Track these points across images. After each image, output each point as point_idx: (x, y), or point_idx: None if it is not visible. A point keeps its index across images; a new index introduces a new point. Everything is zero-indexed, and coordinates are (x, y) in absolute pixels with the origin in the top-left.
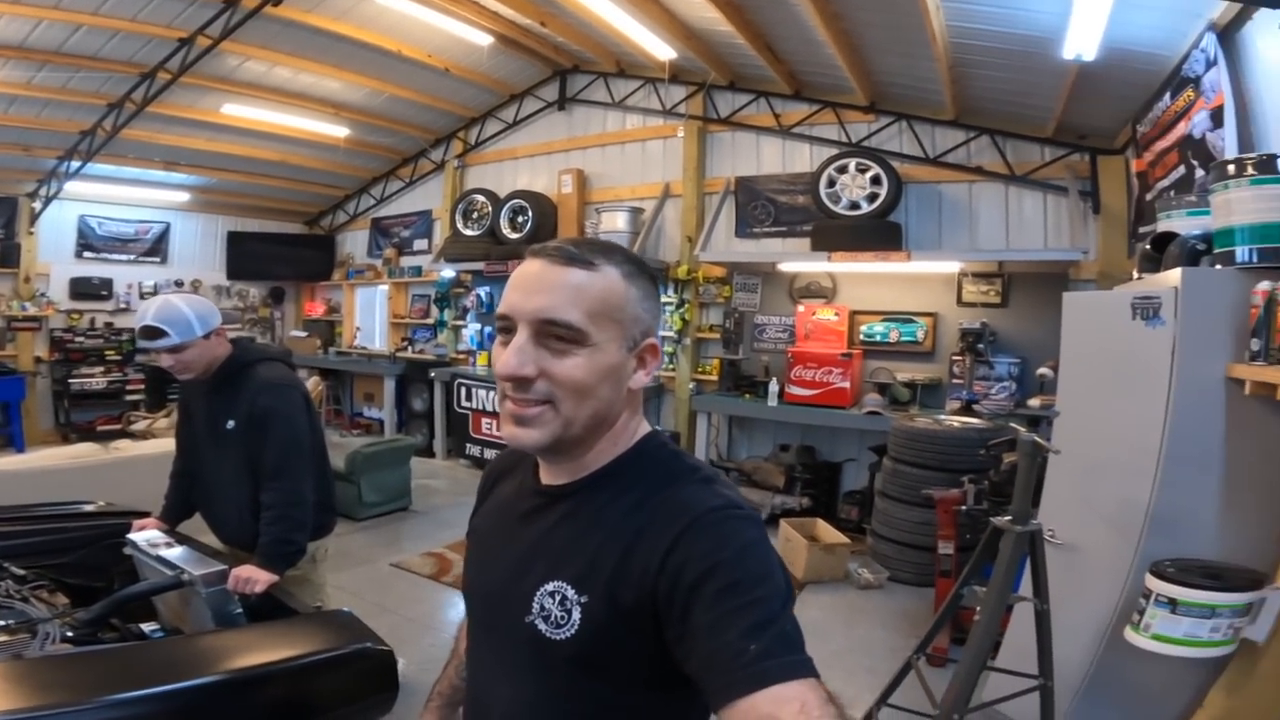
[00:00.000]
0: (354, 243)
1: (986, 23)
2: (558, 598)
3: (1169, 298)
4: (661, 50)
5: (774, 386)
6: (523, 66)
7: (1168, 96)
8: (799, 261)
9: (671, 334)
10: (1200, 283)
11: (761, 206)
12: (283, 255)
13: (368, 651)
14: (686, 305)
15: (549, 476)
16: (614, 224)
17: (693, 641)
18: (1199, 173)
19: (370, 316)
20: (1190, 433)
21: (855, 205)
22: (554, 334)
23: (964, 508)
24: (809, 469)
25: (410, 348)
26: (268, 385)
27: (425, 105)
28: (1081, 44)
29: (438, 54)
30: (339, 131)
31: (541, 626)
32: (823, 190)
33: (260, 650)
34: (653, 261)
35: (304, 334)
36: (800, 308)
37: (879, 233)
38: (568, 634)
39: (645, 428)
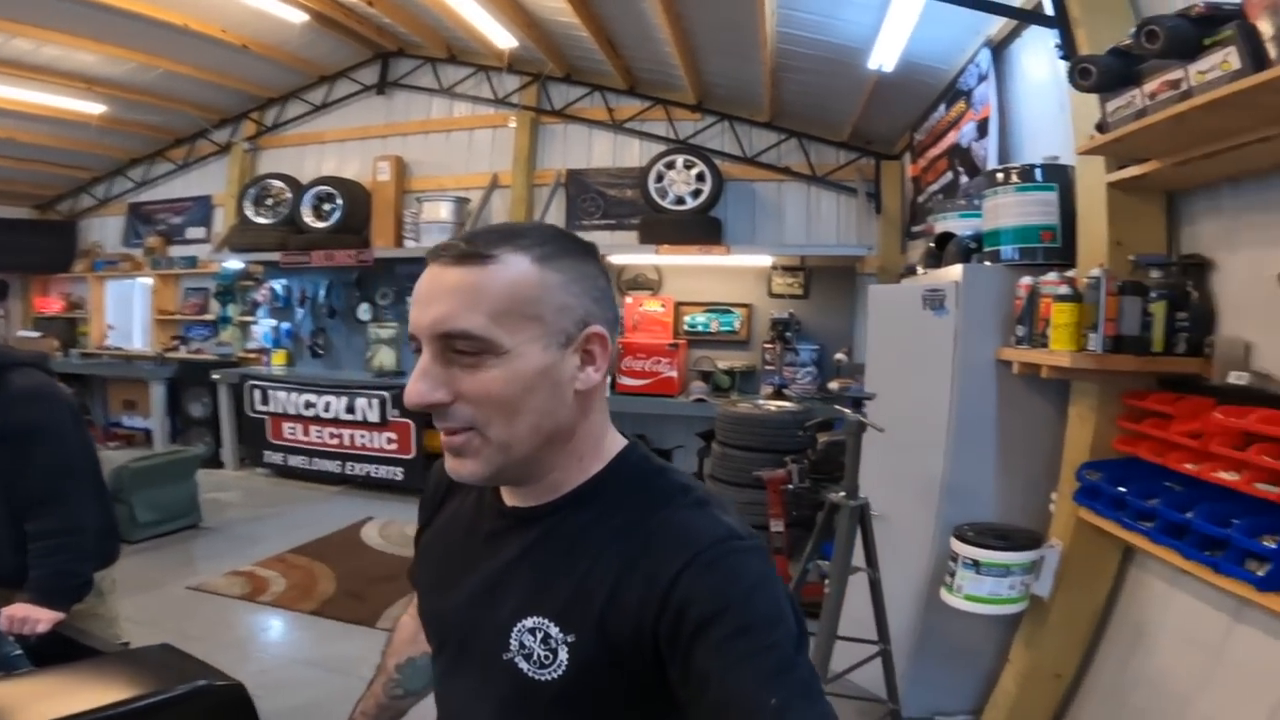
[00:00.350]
0: (104, 230)
1: (810, 30)
2: (539, 635)
3: (951, 290)
4: (502, 38)
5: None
6: (338, 47)
7: (943, 108)
8: (628, 254)
9: None
10: (976, 277)
11: (591, 199)
12: (3, 244)
13: (210, 689)
14: None
15: (514, 497)
16: (436, 214)
17: (701, 688)
18: (964, 178)
19: (126, 313)
20: (971, 409)
21: (681, 200)
22: (457, 347)
23: (790, 486)
24: None
25: (184, 347)
26: (26, 396)
27: (211, 83)
28: (885, 56)
29: (237, 30)
30: (92, 108)
31: (523, 665)
32: (651, 185)
33: (72, 697)
34: None
35: (36, 334)
36: (628, 299)
37: (702, 227)
38: (554, 675)
39: (619, 440)
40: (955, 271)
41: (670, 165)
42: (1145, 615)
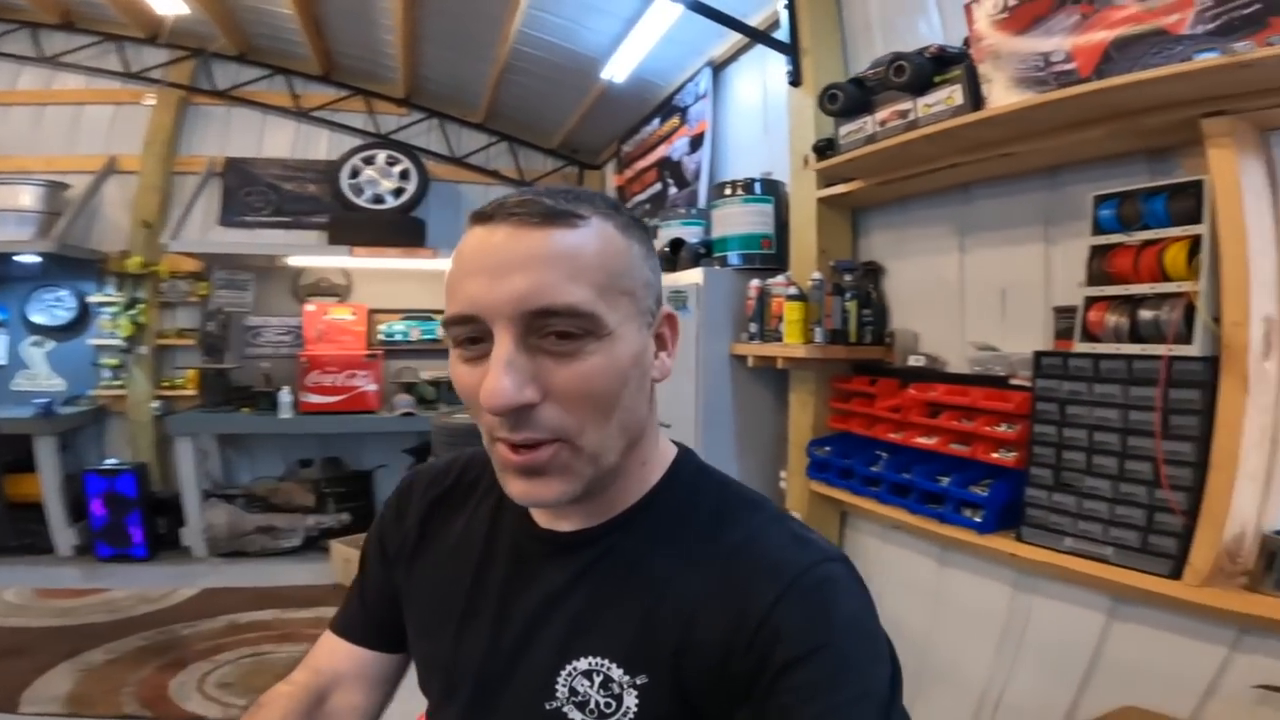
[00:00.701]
0: None
1: (553, 34)
2: (598, 679)
3: (693, 291)
4: (168, 4)
5: (285, 397)
6: None
7: (656, 121)
8: (314, 255)
9: (119, 342)
10: (714, 279)
11: (260, 193)
12: None
13: None
14: (140, 306)
15: (553, 519)
16: (15, 200)
17: None
18: (673, 189)
19: None
20: (714, 402)
21: (379, 199)
22: (553, 329)
23: None
24: (339, 482)
25: None
26: None
27: None
28: (620, 68)
29: None
30: None
31: (576, 715)
32: (345, 181)
33: None
34: (85, 252)
35: None
36: (310, 307)
37: (403, 228)
38: None
39: (669, 445)
40: (696, 274)
41: (369, 160)
42: (868, 570)
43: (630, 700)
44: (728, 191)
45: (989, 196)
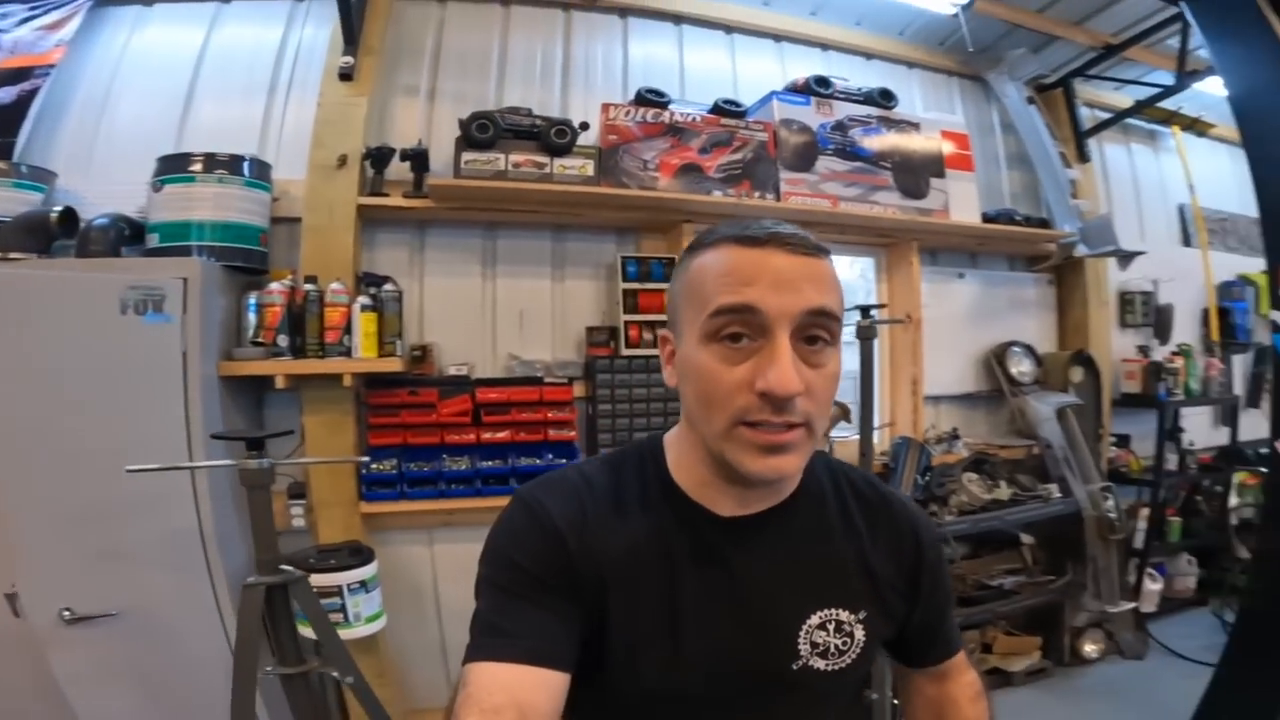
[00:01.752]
0: None
1: None
2: (831, 626)
3: (175, 291)
4: None
5: None
6: None
7: None
8: None
9: None
10: (211, 276)
11: None
12: None
13: None
14: None
15: (739, 506)
16: None
17: (921, 615)
18: None
19: None
20: (209, 435)
21: None
22: (816, 330)
23: None
24: None
25: None
26: None
27: None
28: None
29: None
30: None
31: (819, 664)
32: None
33: None
34: None
35: None
36: None
37: None
38: (851, 658)
39: None
40: (184, 266)
41: None
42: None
43: (859, 634)
44: (197, 166)
45: (511, 238)
